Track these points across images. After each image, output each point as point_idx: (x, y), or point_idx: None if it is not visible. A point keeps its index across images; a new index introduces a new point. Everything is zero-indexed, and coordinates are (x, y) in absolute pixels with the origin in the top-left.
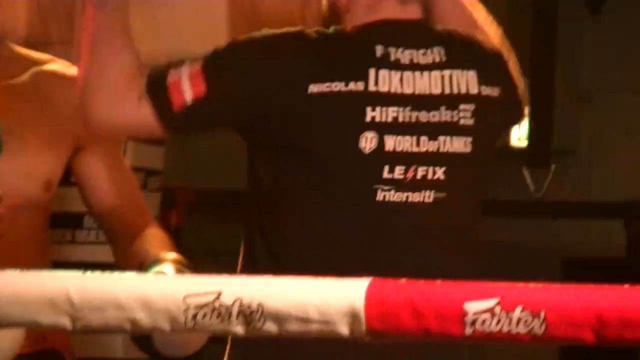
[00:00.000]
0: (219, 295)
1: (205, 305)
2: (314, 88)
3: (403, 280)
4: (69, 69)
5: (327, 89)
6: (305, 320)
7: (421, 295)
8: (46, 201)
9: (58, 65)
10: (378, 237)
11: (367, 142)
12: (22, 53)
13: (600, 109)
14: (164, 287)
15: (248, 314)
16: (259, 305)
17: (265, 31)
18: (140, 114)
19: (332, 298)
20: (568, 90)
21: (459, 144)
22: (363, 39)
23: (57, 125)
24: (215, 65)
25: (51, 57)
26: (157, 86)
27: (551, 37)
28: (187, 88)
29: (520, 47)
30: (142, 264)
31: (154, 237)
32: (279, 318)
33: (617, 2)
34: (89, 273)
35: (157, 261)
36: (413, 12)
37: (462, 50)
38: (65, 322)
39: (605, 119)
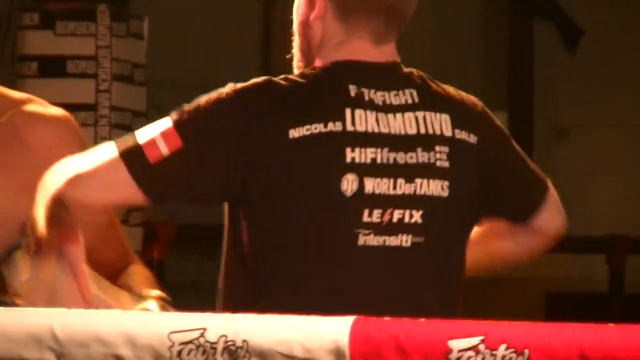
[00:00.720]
0: (203, 331)
1: (190, 341)
2: (294, 133)
3: (387, 318)
4: (48, 109)
5: (307, 132)
6: (290, 357)
7: (405, 333)
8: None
9: (36, 106)
10: (358, 281)
11: (349, 184)
12: (0, 93)
13: (578, 143)
14: (149, 324)
15: (233, 351)
16: (244, 341)
17: (231, 85)
18: (116, 178)
19: (316, 335)
20: (546, 125)
21: (436, 187)
22: (335, 78)
23: (35, 168)
24: (187, 122)
25: (29, 97)
26: (130, 148)
27: (528, 72)
28: (162, 145)
29: (498, 85)
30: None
31: (137, 274)
32: (263, 354)
33: (593, 37)
34: (73, 310)
35: (141, 299)
36: (386, 54)
37: (435, 94)
38: (50, 357)
39: (584, 153)
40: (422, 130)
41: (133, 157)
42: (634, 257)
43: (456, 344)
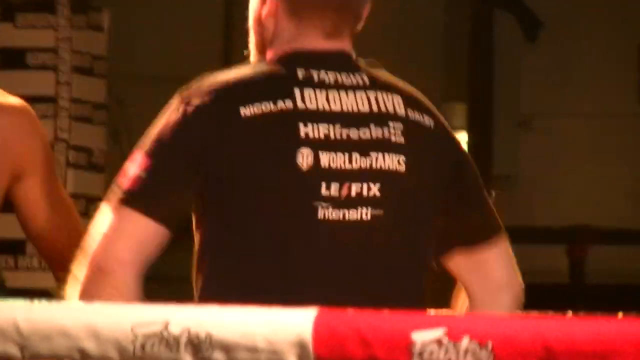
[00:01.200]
0: (167, 324)
1: (154, 334)
2: (245, 111)
3: (350, 310)
4: (5, 98)
5: (258, 110)
6: (253, 349)
7: (369, 326)
8: None
9: None
10: (320, 255)
11: (304, 158)
12: None
13: (539, 134)
14: (112, 316)
15: (196, 344)
16: (207, 334)
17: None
18: (118, 223)
19: (280, 328)
20: (507, 116)
21: (392, 161)
22: (283, 64)
23: None
24: (148, 142)
25: None
26: (112, 192)
27: (489, 63)
28: (132, 169)
29: (458, 73)
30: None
31: None
32: (227, 348)
33: (553, 28)
34: (36, 302)
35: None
36: (337, 45)
37: (386, 80)
38: (14, 350)
39: (545, 143)
40: (375, 108)
41: (115, 194)
42: (595, 248)
43: (419, 336)
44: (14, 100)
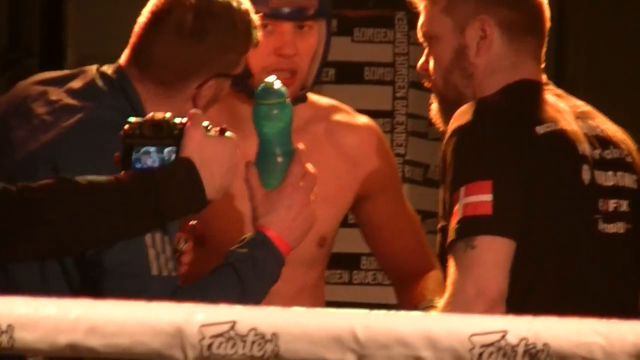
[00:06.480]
0: (504, 334)
1: (491, 344)
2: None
3: None
4: (353, 118)
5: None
6: None
7: None
8: (320, 257)
9: (342, 115)
10: (598, 265)
11: (585, 174)
12: (312, 101)
13: None
14: (450, 326)
15: (534, 354)
16: (545, 345)
17: None
18: None
19: (618, 340)
20: None
21: (631, 180)
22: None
23: (336, 180)
24: None
25: (334, 105)
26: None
27: None
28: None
29: None
30: (416, 308)
31: (434, 282)
32: (564, 358)
33: None
34: (374, 311)
35: (429, 307)
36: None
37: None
38: (351, 358)
39: None
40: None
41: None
42: None
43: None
44: (362, 119)
